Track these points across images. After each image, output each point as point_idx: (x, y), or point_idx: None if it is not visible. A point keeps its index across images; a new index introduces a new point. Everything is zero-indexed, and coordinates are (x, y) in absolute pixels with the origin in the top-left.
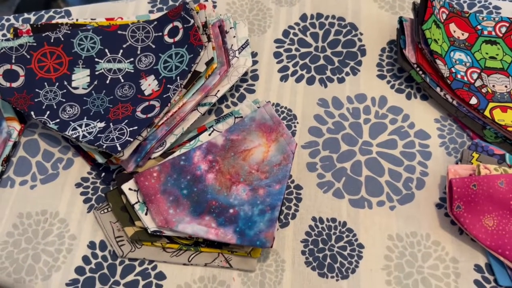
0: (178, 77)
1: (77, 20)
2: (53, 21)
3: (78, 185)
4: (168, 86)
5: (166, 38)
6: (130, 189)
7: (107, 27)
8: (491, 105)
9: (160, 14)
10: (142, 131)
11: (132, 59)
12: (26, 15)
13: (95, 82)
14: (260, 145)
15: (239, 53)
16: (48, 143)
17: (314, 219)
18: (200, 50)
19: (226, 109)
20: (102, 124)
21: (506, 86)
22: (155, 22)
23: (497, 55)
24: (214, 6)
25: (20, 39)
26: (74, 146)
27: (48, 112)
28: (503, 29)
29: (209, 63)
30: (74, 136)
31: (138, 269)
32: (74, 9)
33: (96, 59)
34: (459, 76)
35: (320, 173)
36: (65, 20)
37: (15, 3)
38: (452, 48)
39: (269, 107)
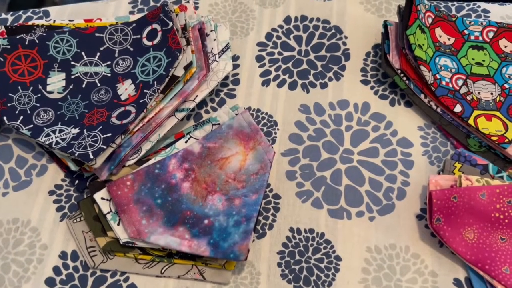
0: (155, 82)
1: (54, 21)
2: (30, 22)
3: (51, 192)
4: (145, 91)
5: (145, 41)
6: (102, 198)
7: (84, 29)
8: (475, 113)
9: (140, 15)
10: (116, 138)
11: (109, 62)
12: (3, 15)
13: (71, 86)
14: (237, 153)
15: (219, 57)
16: (22, 149)
17: (291, 229)
18: (178, 54)
19: (206, 114)
20: (76, 130)
21: (491, 93)
22: (134, 24)
23: (483, 61)
24: (196, 8)
25: None
26: (48, 152)
27: (21, 117)
28: (491, 34)
29: (187, 67)
30: (47, 142)
31: (109, 280)
32: (53, 9)
33: (72, 63)
34: (444, 83)
35: (299, 182)
36: (41, 22)
37: None
38: (437, 53)
39: (246, 114)
